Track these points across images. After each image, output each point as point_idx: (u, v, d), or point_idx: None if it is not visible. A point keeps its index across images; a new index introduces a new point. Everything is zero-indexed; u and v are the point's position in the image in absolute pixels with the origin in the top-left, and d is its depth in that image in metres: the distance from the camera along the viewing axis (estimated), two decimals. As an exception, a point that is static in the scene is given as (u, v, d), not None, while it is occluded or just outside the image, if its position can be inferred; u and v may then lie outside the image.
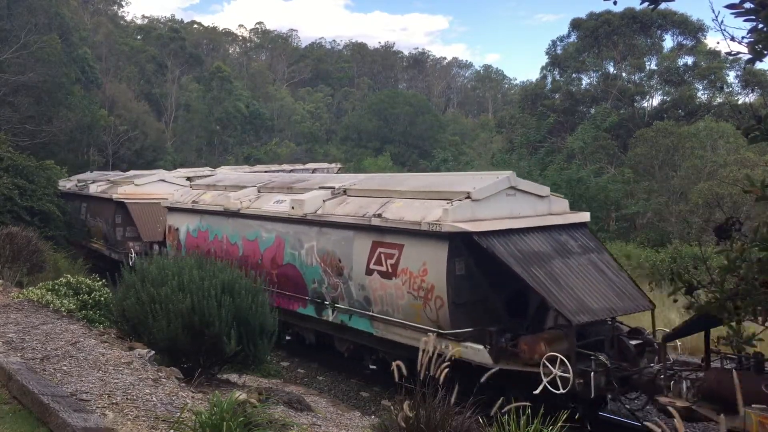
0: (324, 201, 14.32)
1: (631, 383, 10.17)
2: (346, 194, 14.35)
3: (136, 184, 25.67)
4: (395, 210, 12.39)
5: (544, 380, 9.60)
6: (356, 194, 14.17)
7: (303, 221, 14.33)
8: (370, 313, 12.69)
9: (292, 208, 14.68)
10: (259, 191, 17.26)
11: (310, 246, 14.18)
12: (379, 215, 12.45)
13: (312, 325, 14.67)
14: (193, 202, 18.76)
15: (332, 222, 13.59)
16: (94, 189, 28.40)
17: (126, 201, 24.56)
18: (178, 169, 38.40)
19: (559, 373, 9.58)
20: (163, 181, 26.19)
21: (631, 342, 10.66)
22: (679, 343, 12.36)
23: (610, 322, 11.06)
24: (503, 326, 11.03)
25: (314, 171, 43.87)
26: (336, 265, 13.43)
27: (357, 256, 12.89)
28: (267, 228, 15.65)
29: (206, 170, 34.95)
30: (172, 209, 19.86)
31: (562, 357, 9.57)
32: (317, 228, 14.04)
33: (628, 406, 10.92)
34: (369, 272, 12.56)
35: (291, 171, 52.99)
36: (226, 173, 26.70)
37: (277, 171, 53.42)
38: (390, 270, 12.09)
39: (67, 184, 32.72)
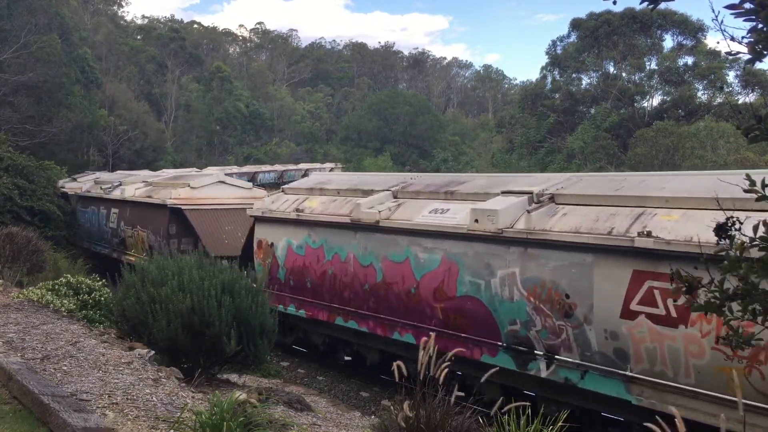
0: (528, 211, 10.30)
1: None
2: (555, 202, 10.41)
3: (192, 187, 21.46)
4: (668, 225, 8.69)
5: None
6: (574, 201, 10.15)
7: (495, 239, 10.42)
8: (627, 373, 8.89)
9: (476, 221, 10.68)
10: (395, 196, 13.17)
11: (508, 273, 10.36)
12: (647, 233, 8.64)
13: (502, 379, 10.01)
14: (297, 210, 14.89)
15: (550, 241, 9.68)
16: (131, 192, 24.10)
17: (184, 207, 20.58)
18: (164, 170, 38.17)
19: None
20: (222, 183, 22.19)
21: None
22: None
23: None
24: None
25: (306, 172, 42.11)
26: (559, 301, 9.63)
27: (603, 290, 9.11)
28: (426, 246, 11.67)
29: (193, 170, 34.39)
30: (262, 219, 15.76)
31: None
32: (520, 249, 10.17)
33: None
34: (628, 315, 8.82)
35: (283, 171, 52.98)
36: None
37: (269, 171, 53.45)
38: (675, 314, 8.40)
39: (83, 186, 30.01)
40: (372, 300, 12.71)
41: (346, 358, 14.95)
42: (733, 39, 2.83)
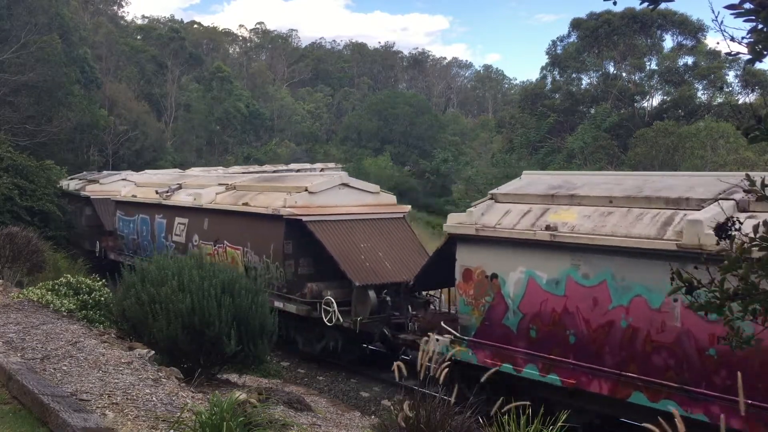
0: None
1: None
2: None
3: (311, 192, 16.12)
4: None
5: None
6: None
7: None
8: None
9: None
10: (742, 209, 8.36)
11: None
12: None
13: None
14: (548, 228, 10.12)
15: None
16: (210, 197, 18.95)
17: (306, 219, 15.46)
18: (146, 171, 37.66)
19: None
20: (346, 186, 16.82)
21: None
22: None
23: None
24: None
25: (299, 171, 40.63)
26: None
27: None
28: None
29: (176, 171, 33.77)
30: (473, 240, 11.23)
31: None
32: None
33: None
34: None
35: (274, 172, 52.74)
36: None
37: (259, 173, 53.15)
38: None
39: (121, 189, 25.33)
40: (723, 374, 8.05)
41: None
42: (733, 39, 2.83)
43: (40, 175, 26.84)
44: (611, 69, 45.95)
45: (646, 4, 3.03)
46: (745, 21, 2.82)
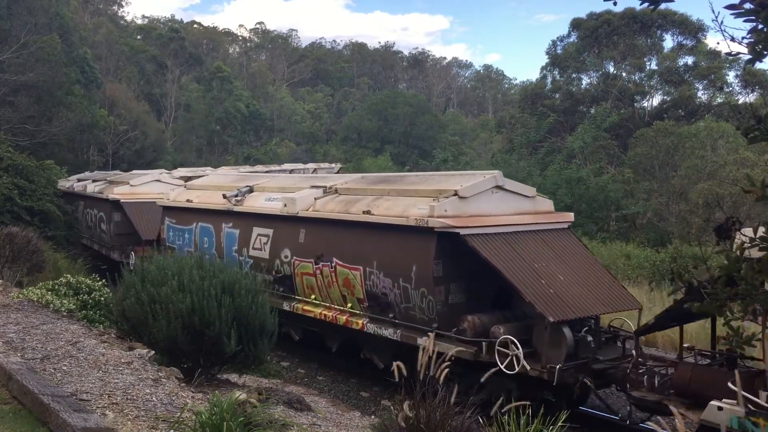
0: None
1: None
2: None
3: (462, 197, 12.15)
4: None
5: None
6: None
7: None
8: None
9: None
10: None
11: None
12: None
13: None
14: None
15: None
16: (307, 203, 14.98)
17: (464, 232, 11.57)
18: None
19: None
20: (500, 188, 12.71)
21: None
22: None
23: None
24: None
25: (292, 171, 39.35)
26: None
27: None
28: None
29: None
30: None
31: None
32: None
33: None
34: None
35: (267, 172, 52.42)
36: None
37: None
38: None
39: (169, 193, 21.27)
40: None
41: None
42: (733, 39, 2.83)
43: (40, 175, 26.86)
44: (611, 69, 45.97)
45: (646, 4, 3.04)
46: (745, 21, 2.82)
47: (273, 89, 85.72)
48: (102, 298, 12.11)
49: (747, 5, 2.79)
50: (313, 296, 14.29)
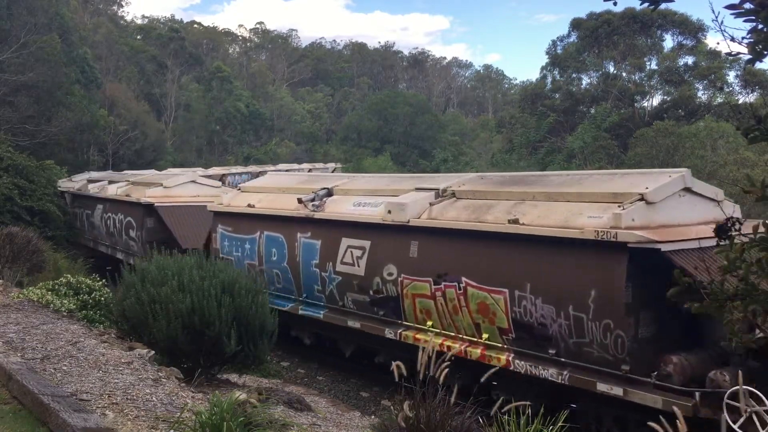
0: None
1: None
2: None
3: (649, 202, 9.64)
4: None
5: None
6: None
7: None
8: None
9: None
10: None
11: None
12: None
13: None
14: None
15: None
16: (418, 210, 12.10)
17: (665, 248, 8.96)
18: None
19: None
20: (688, 191, 10.19)
21: None
22: None
23: None
24: None
25: (288, 170, 38.41)
26: None
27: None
28: None
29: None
30: None
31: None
32: None
33: None
34: None
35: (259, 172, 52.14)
36: None
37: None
38: None
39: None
40: None
41: None
42: (733, 39, 2.83)
43: (40, 175, 26.86)
44: (611, 69, 45.99)
45: (646, 4, 3.04)
46: (745, 21, 2.82)
47: (273, 89, 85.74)
48: (102, 298, 12.11)
49: (747, 5, 2.79)
50: (429, 323, 11.40)
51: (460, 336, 11.01)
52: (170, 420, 5.66)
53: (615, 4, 3.16)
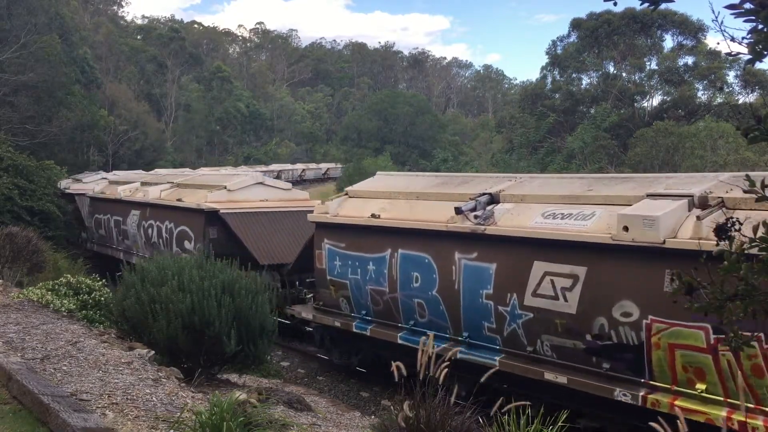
0: None
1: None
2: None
3: None
4: None
5: None
6: None
7: None
8: None
9: None
10: None
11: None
12: None
13: None
14: None
15: None
16: None
17: None
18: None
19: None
20: None
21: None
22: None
23: None
24: None
25: (280, 172, 37.04)
26: None
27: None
28: None
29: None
30: None
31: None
32: None
33: None
34: None
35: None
36: None
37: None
38: None
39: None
40: None
41: None
42: (733, 39, 2.82)
43: (40, 175, 26.86)
44: (611, 69, 45.98)
45: (646, 4, 3.03)
46: (745, 21, 2.81)
47: (273, 89, 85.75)
48: (102, 298, 12.11)
49: (747, 5, 2.79)
50: (701, 386, 8.24)
51: (762, 408, 7.65)
52: (170, 420, 5.66)
53: (615, 4, 3.15)
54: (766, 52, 2.82)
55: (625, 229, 8.72)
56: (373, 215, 12.74)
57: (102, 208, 25.72)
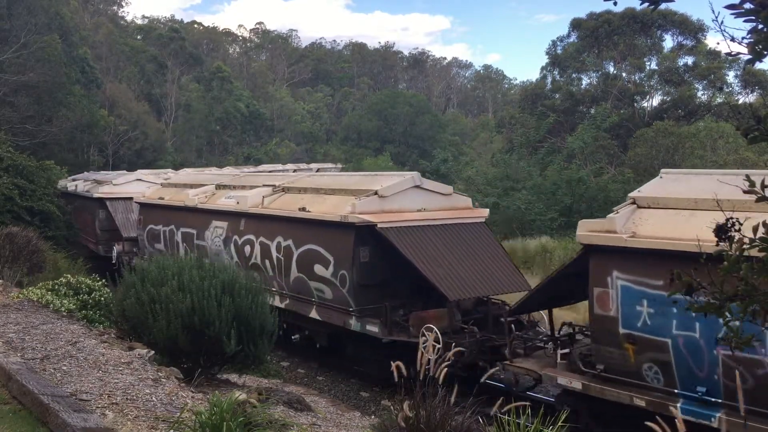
0: None
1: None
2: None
3: None
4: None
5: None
6: None
7: None
8: None
9: None
10: None
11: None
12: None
13: None
14: None
15: None
16: None
17: None
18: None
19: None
20: None
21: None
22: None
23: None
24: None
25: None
26: None
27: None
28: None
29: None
30: None
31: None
32: None
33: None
34: None
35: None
36: None
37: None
38: None
39: None
40: None
41: None
42: (733, 39, 2.82)
43: (40, 175, 26.87)
44: (611, 69, 45.94)
45: (646, 4, 3.03)
46: (745, 21, 2.81)
47: (273, 89, 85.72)
48: (102, 298, 12.11)
49: (747, 5, 2.79)
50: None
51: None
52: (170, 420, 5.66)
53: (615, 3, 3.15)
54: (766, 52, 2.82)
55: None
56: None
57: (160, 218, 21.23)
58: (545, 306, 12.13)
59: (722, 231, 3.21)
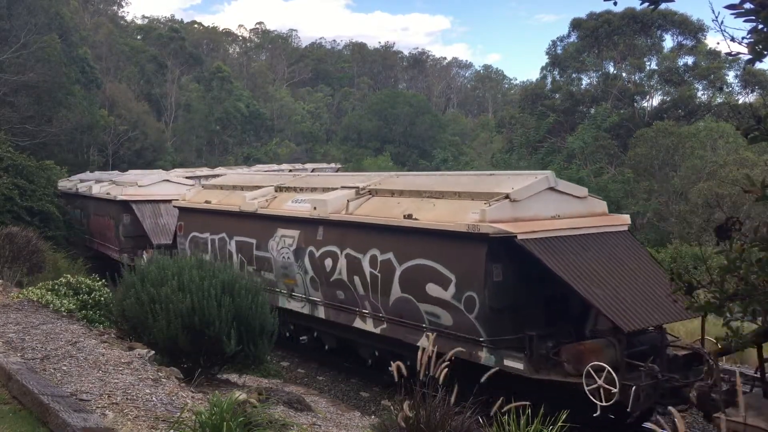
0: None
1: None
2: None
3: None
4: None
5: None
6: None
7: None
8: None
9: None
10: None
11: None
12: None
13: None
14: None
15: None
16: None
17: None
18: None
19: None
20: None
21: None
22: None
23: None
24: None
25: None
26: None
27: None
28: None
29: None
30: None
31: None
32: None
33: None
34: None
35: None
36: None
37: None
38: None
39: None
40: None
41: None
42: (733, 39, 2.82)
43: (40, 175, 26.85)
44: (611, 69, 45.96)
45: (646, 4, 3.04)
46: (745, 21, 2.82)
47: (273, 89, 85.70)
48: (102, 298, 12.11)
49: (747, 5, 2.79)
50: None
51: None
52: (170, 420, 5.66)
53: (615, 3, 3.16)
54: (766, 52, 2.82)
55: None
56: None
57: (208, 224, 18.48)
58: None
59: (722, 230, 3.21)
